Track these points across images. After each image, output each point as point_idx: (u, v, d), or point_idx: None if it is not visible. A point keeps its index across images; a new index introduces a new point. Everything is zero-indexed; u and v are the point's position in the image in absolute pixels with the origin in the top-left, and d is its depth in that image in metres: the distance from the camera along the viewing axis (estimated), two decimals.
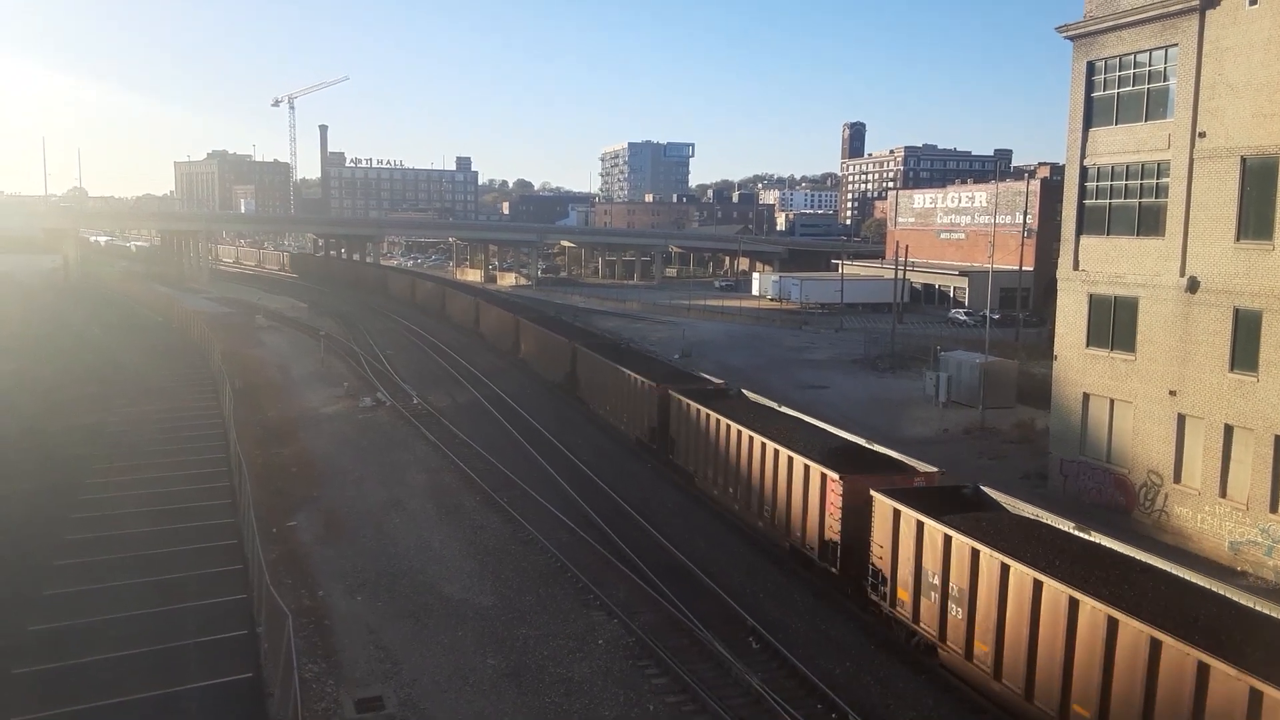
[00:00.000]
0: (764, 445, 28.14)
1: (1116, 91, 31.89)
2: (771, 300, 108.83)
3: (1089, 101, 32.83)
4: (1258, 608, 16.13)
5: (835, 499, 24.36)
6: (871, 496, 22.75)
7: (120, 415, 44.01)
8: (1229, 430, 28.08)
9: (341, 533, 29.92)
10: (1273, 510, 26.85)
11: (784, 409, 32.88)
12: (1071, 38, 33.12)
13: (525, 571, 26.84)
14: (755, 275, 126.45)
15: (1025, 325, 70.70)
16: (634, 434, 40.16)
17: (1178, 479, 29.73)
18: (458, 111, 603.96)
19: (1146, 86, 30.85)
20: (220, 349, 57.07)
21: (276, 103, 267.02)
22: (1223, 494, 28.27)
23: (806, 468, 25.71)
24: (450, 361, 62.30)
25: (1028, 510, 21.73)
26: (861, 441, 27.91)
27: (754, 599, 24.85)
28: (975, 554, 19.10)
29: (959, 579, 19.63)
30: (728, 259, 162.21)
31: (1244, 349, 27.65)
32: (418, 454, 39.56)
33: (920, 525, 20.81)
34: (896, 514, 21.69)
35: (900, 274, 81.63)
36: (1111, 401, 32.08)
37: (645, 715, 19.52)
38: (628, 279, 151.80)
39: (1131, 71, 31.36)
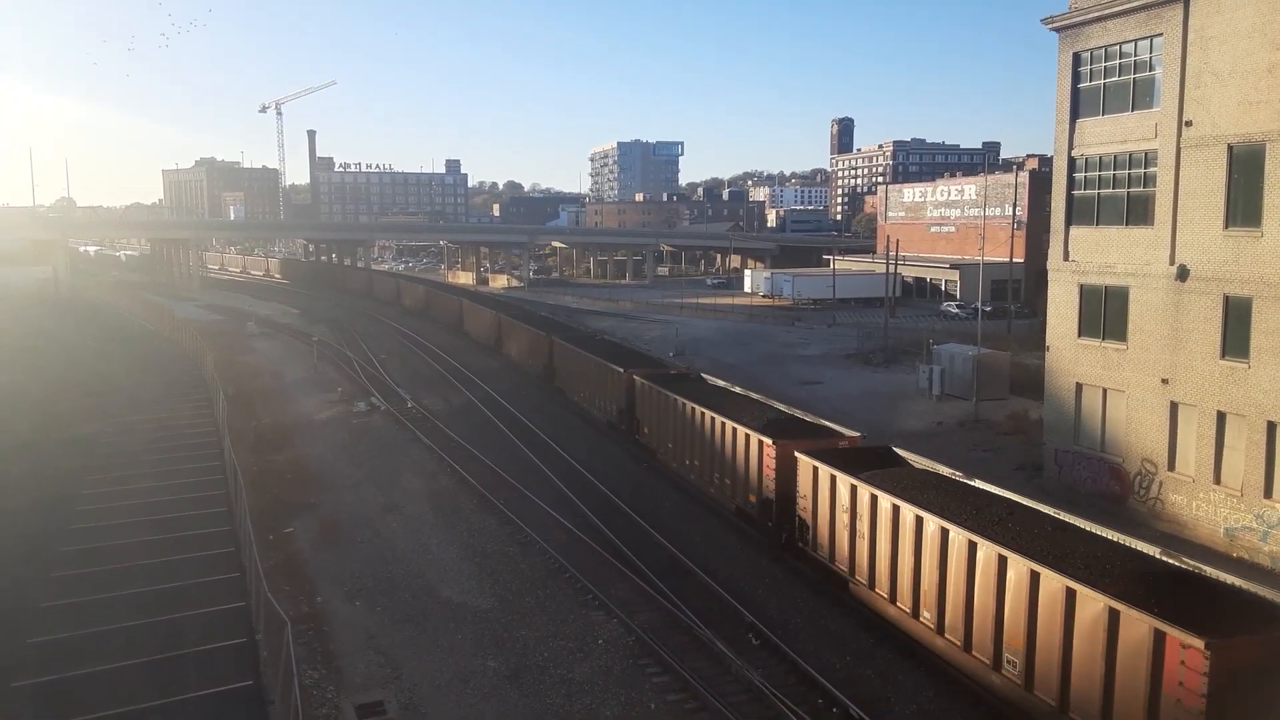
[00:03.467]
0: (713, 419, 31.41)
1: (1103, 82, 32.00)
2: (764, 297, 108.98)
3: (1075, 93, 32.93)
4: (1120, 540, 18.90)
5: (770, 461, 27.65)
6: (797, 458, 26.04)
7: (114, 426, 43.88)
8: (1221, 417, 28.20)
9: (339, 538, 29.89)
10: (1267, 496, 26.98)
11: (736, 389, 36.37)
12: (1057, 29, 33.22)
13: (523, 573, 26.85)
14: (747, 272, 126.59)
15: (1017, 317, 70.97)
16: (605, 417, 43.17)
17: (1172, 467, 29.86)
18: (446, 114, 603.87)
19: (1132, 76, 30.96)
20: (212, 357, 56.94)
21: (264, 109, 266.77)
22: (1217, 481, 28.40)
23: (747, 436, 29.09)
24: (443, 364, 62.27)
25: (926, 464, 25.03)
26: (799, 414, 31.39)
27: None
28: (874, 499, 22.67)
29: (863, 521, 23.03)
30: (719, 257, 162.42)
31: (1235, 336, 27.77)
32: (413, 457, 39.54)
33: (833, 478, 24.29)
34: (815, 470, 25.18)
35: (891, 268, 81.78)
36: (1104, 391, 32.20)
37: (647, 714, 19.55)
38: (620, 278, 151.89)
39: (1117, 62, 31.47)
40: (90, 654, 21.03)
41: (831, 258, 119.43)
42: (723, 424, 30.60)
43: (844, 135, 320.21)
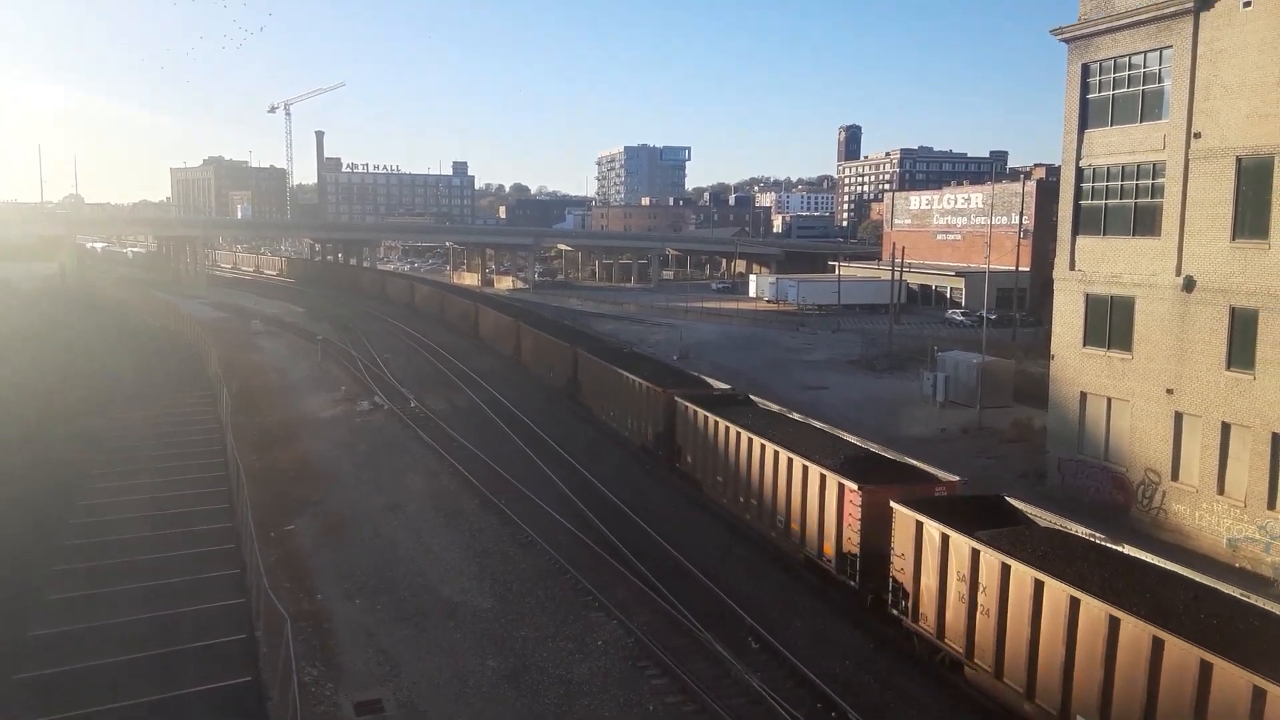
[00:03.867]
0: (776, 454, 27.06)
1: (1111, 93, 31.98)
2: (769, 302, 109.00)
3: (1084, 103, 32.93)
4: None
5: (854, 510, 23.37)
6: (892, 508, 21.78)
7: (118, 421, 43.96)
8: (1226, 428, 28.14)
9: (340, 536, 29.90)
10: (1270, 507, 26.92)
11: (794, 415, 31.84)
12: (1066, 40, 33.22)
13: (524, 573, 26.85)
14: (752, 277, 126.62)
15: (1022, 325, 70.94)
16: (638, 440, 39.05)
17: (1175, 477, 29.79)
18: (454, 116, 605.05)
19: (1141, 88, 30.94)
20: (217, 354, 57.06)
21: (273, 109, 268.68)
22: (1220, 491, 28.33)
23: (823, 477, 24.77)
24: (447, 364, 62.30)
25: (1054, 521, 21.02)
26: (874, 448, 27.02)
27: (769, 612, 24.10)
28: (1005, 569, 18.29)
29: (988, 596, 18.70)
30: (725, 261, 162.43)
31: (1240, 347, 27.73)
32: (415, 457, 39.55)
33: (945, 538, 19.99)
34: (918, 526, 20.84)
35: (897, 275, 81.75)
36: (1109, 400, 32.15)
37: (645, 716, 19.52)
38: (625, 282, 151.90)
39: (1126, 73, 31.45)
40: (92, 648, 21.08)
41: (837, 264, 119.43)
42: (789, 460, 26.24)
43: (851, 142, 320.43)
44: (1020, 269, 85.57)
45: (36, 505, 30.87)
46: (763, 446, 27.89)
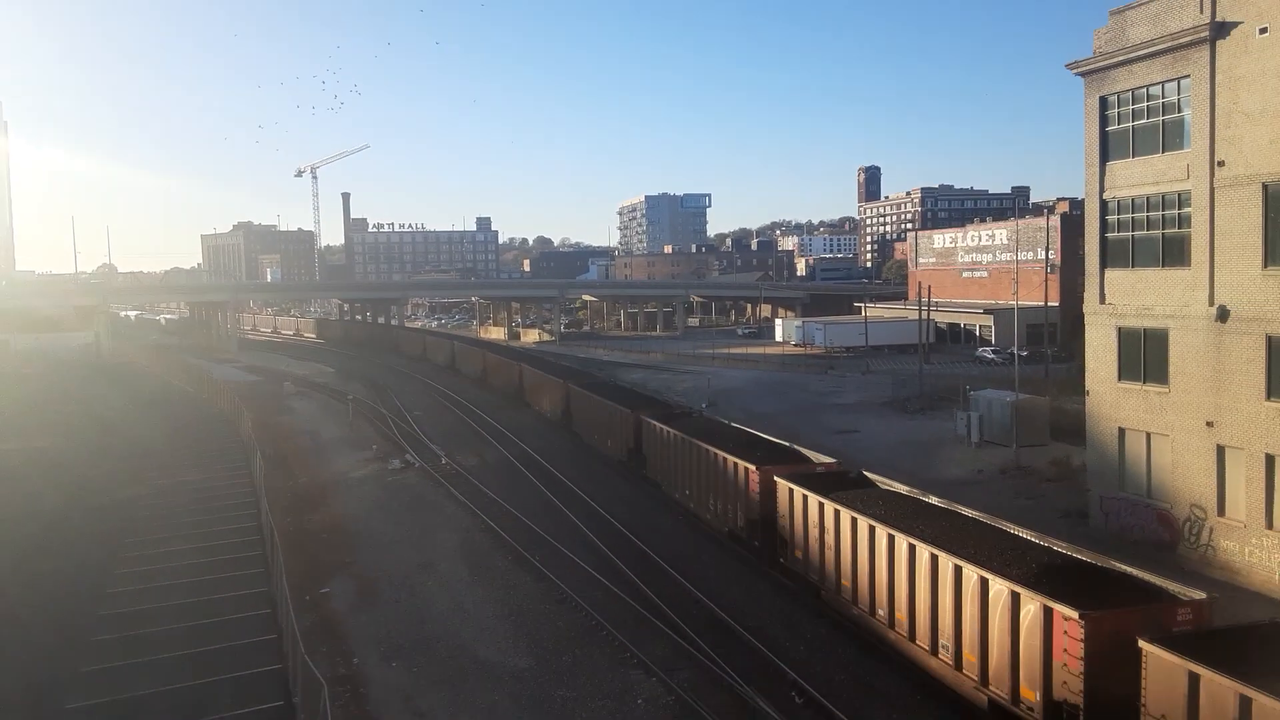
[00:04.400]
0: (708, 451, 33.70)
1: (1131, 125, 31.87)
2: (795, 346, 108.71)
3: (1104, 136, 32.82)
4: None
5: (754, 485, 30.05)
6: (775, 482, 28.78)
7: (154, 488, 44.30)
8: (1270, 460, 27.51)
9: (375, 598, 29.79)
10: None
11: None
12: (1082, 74, 33.22)
13: (560, 631, 26.56)
14: (778, 321, 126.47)
15: (1054, 361, 70.12)
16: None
17: (1221, 512, 29.11)
18: (476, 173, 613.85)
19: (1161, 118, 30.82)
20: (250, 417, 57.52)
21: (300, 173, 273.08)
22: (1269, 525, 27.63)
23: (735, 464, 31.52)
24: (476, 419, 62.44)
25: (898, 487, 27.72)
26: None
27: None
28: (836, 513, 25.49)
29: (830, 534, 25.67)
30: (749, 306, 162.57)
31: (1279, 376, 27.23)
32: (448, 515, 39.48)
33: (805, 498, 27.10)
34: (791, 492, 27.95)
35: (924, 314, 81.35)
36: (1148, 435, 31.59)
37: None
38: (650, 330, 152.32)
39: (1145, 104, 31.36)
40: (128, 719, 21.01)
41: (863, 305, 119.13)
42: (713, 453, 30.21)
43: (871, 183, 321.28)
44: (1049, 304, 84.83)
45: (75, 577, 31.08)
46: (705, 450, 35.03)
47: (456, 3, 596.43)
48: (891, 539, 23.07)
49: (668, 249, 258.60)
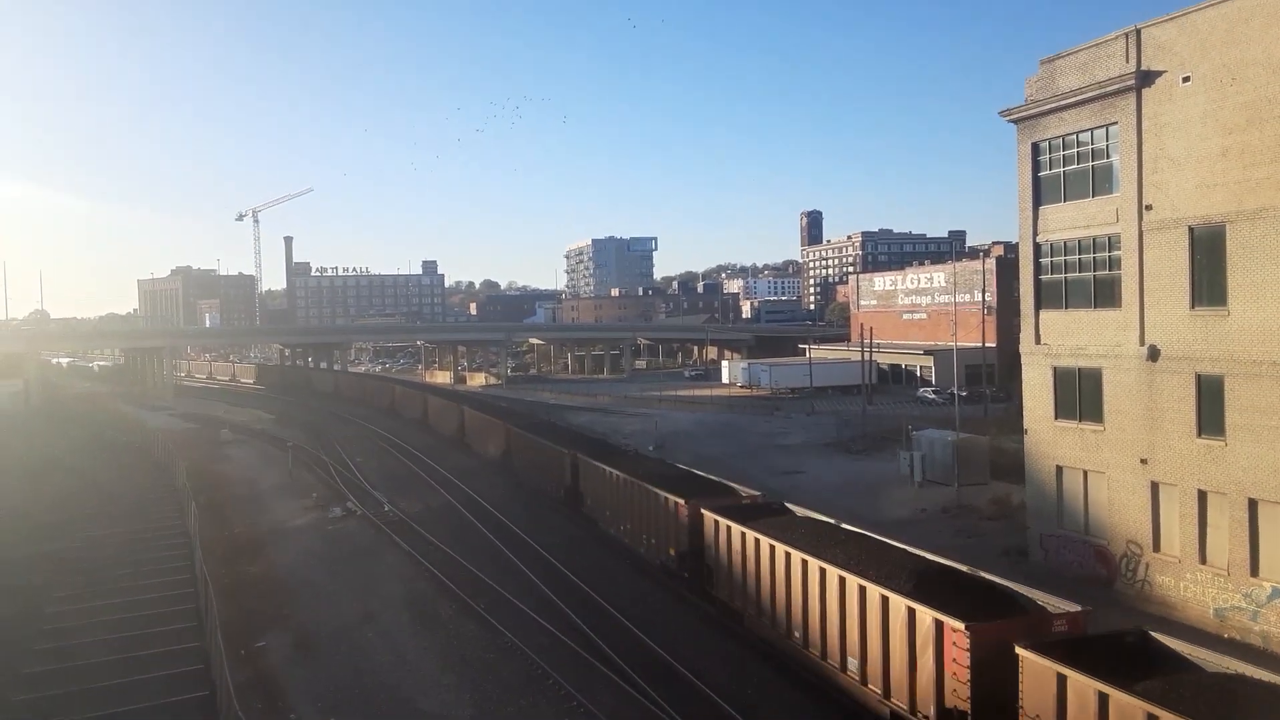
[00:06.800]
0: (645, 488, 34.51)
1: (1062, 170, 32.79)
2: (742, 387, 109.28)
3: (1036, 181, 33.71)
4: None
5: (683, 517, 31.04)
6: (703, 514, 29.98)
7: (83, 539, 42.79)
8: (1203, 496, 28.12)
9: (313, 651, 28.95)
10: (1253, 574, 26.74)
11: (696, 471, 38.34)
12: (1015, 121, 34.17)
13: (505, 681, 26.00)
14: (724, 363, 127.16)
15: (993, 400, 71.35)
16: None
17: (1157, 548, 29.62)
18: (422, 216, 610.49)
19: (1091, 164, 31.76)
20: (185, 465, 56.07)
21: (240, 216, 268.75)
22: (1203, 560, 28.16)
23: (665, 499, 32.56)
24: (419, 464, 61.56)
25: (816, 516, 29.13)
26: (718, 479, 35.20)
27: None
28: (756, 541, 26.72)
29: (751, 562, 26.86)
30: (696, 348, 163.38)
31: (1209, 414, 27.91)
32: (390, 563, 38.67)
33: (729, 528, 28.44)
34: (717, 524, 29.17)
35: (867, 356, 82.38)
36: (1085, 473, 32.13)
37: None
38: (598, 373, 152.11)
39: (1075, 150, 32.31)
40: None
41: (807, 347, 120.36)
42: (647, 490, 33.77)
43: (813, 227, 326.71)
44: (986, 345, 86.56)
45: None
46: (644, 489, 35.47)
47: (405, 43, 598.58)
48: (805, 564, 24.46)
49: (615, 292, 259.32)
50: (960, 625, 18.89)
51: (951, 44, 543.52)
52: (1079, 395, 32.39)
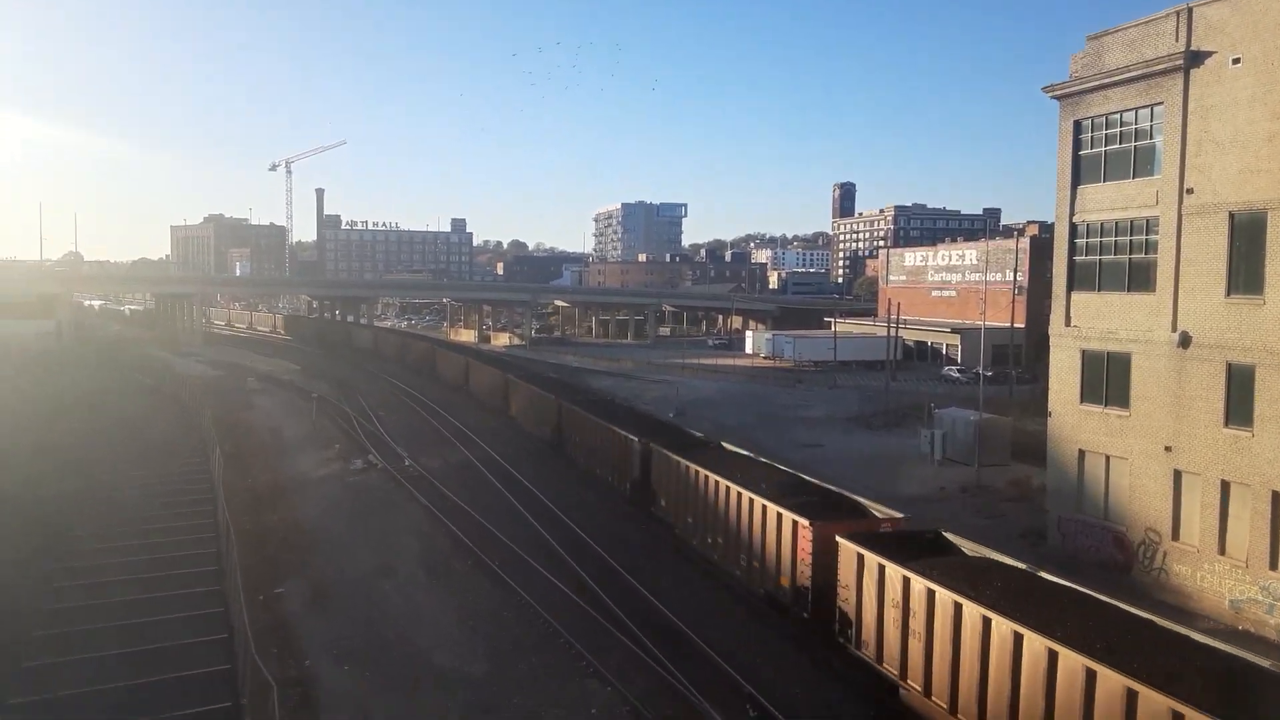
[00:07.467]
0: (742, 495, 28.66)
1: (1104, 149, 32.22)
2: (765, 358, 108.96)
3: (1076, 160, 33.15)
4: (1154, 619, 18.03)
5: (805, 544, 25.04)
6: (838, 542, 23.45)
7: (109, 480, 43.50)
8: (1225, 486, 27.84)
9: (330, 600, 29.35)
10: (1272, 568, 26.51)
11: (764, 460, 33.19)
12: (1058, 98, 33.56)
13: (518, 638, 26.27)
14: (749, 333, 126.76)
15: (1018, 382, 70.78)
16: (620, 484, 40.03)
17: (1176, 536, 29.40)
18: (453, 174, 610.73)
19: (1133, 144, 31.17)
20: (211, 413, 56.74)
21: (274, 167, 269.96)
22: (1221, 551, 27.93)
23: (779, 514, 26.33)
24: (441, 421, 61.92)
25: (986, 553, 22.54)
26: (833, 488, 29.28)
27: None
28: (931, 594, 20.02)
29: (919, 619, 20.28)
30: (721, 317, 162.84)
31: (1238, 404, 27.55)
32: (409, 517, 39.06)
33: (882, 569, 21.64)
34: (862, 560, 22.39)
35: (893, 331, 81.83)
36: (1107, 458, 31.86)
37: None
38: (621, 338, 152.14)
39: (1118, 130, 31.72)
40: (71, 716, 20.51)
41: (833, 320, 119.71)
42: (749, 498, 28.03)
43: (846, 199, 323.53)
44: (1015, 325, 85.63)
45: (22, 568, 30.38)
46: (728, 489, 29.69)
47: (440, 5, 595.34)
48: (1018, 640, 17.76)
49: (642, 257, 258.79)
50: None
51: (995, 17, 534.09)
52: (1106, 379, 32.05)
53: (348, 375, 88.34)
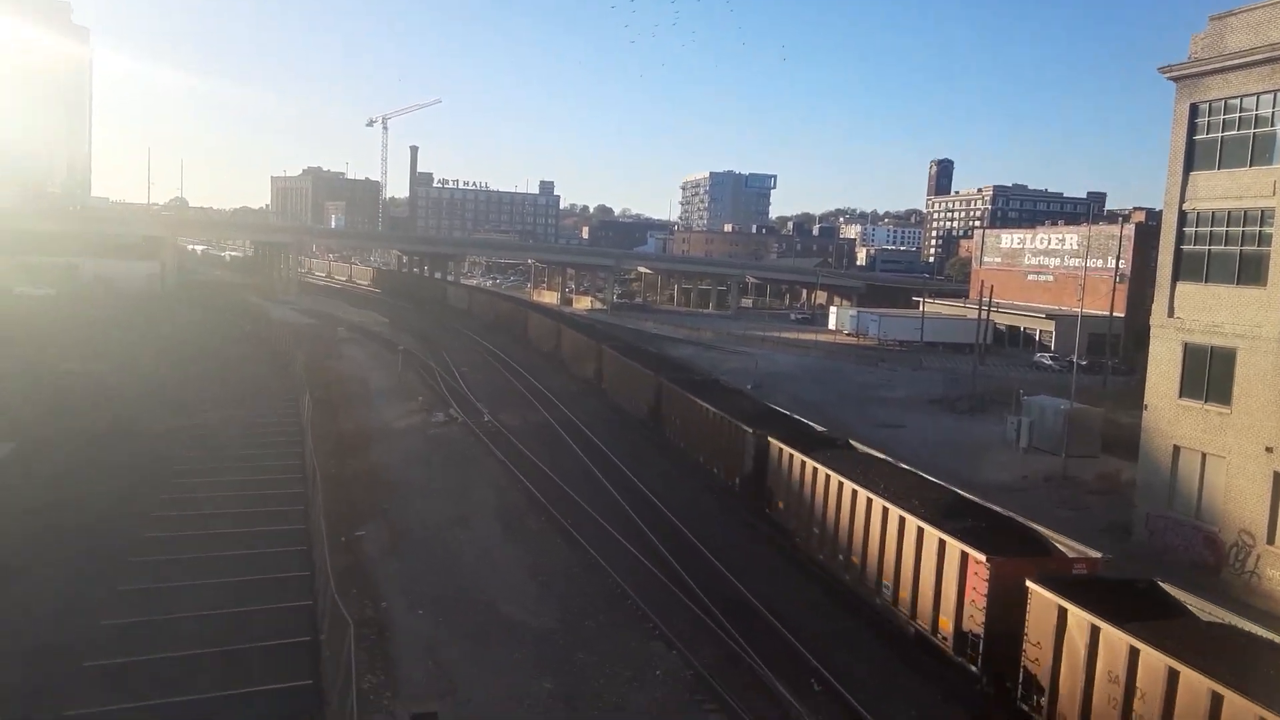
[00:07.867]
0: (887, 509, 24.64)
1: (1220, 135, 30.80)
2: (848, 335, 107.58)
3: (1190, 144, 31.77)
4: None
5: (980, 583, 20.64)
6: (1030, 589, 19.17)
7: (205, 419, 45.23)
8: None
9: (407, 546, 30.15)
10: None
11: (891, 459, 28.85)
12: (1175, 79, 32.14)
13: (588, 596, 26.66)
14: (832, 309, 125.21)
15: (1114, 373, 68.60)
16: (729, 479, 35.58)
17: (1271, 540, 28.30)
18: (544, 136, 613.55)
19: (1252, 131, 29.73)
20: (302, 359, 58.40)
21: (371, 123, 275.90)
22: None
23: (942, 543, 22.12)
24: (523, 382, 62.75)
25: (1221, 615, 18.27)
26: (999, 509, 24.30)
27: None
28: (1174, 677, 15.59)
29: (1150, 706, 16.01)
30: (805, 292, 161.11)
31: None
32: (486, 471, 39.78)
33: (1095, 630, 17.33)
34: (1064, 614, 18.18)
35: (984, 314, 79.92)
36: (1204, 455, 30.75)
37: None
38: (703, 307, 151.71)
39: (1237, 115, 30.26)
40: (160, 641, 21.53)
41: (921, 300, 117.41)
42: (901, 517, 23.58)
43: (942, 177, 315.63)
44: (1114, 314, 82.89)
45: (122, 498, 31.89)
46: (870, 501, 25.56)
47: None
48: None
49: (728, 227, 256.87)
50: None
51: None
52: (1208, 374, 30.86)
53: (432, 330, 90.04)
